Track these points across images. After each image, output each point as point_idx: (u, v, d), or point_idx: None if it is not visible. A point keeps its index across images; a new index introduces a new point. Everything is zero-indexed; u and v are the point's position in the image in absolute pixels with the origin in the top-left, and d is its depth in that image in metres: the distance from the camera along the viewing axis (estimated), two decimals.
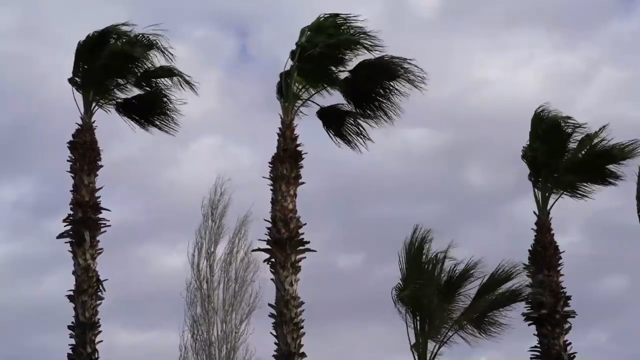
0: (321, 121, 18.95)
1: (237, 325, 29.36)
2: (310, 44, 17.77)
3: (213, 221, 30.43)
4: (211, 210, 30.53)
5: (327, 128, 19.03)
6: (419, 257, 17.98)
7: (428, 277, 17.91)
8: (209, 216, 30.47)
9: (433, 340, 17.91)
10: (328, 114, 18.86)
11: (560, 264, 19.00)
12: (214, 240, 30.26)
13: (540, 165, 19.35)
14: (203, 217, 30.47)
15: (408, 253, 17.99)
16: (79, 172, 17.72)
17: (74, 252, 17.45)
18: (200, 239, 30.23)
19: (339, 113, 18.88)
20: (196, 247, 30.15)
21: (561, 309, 18.66)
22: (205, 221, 30.39)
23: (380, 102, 18.47)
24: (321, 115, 18.88)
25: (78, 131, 17.96)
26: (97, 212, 17.64)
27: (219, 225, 30.43)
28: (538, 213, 19.31)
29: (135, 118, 19.20)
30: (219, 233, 30.38)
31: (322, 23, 18.03)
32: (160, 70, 18.51)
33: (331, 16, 18.01)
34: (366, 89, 18.38)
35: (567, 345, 18.56)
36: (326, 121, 18.97)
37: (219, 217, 30.53)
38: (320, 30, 17.95)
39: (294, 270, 16.83)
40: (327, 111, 18.81)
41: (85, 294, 17.18)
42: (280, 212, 16.98)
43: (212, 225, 30.40)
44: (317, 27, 18.01)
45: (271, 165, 17.36)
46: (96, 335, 17.17)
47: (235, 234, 30.30)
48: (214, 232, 30.34)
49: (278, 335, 16.64)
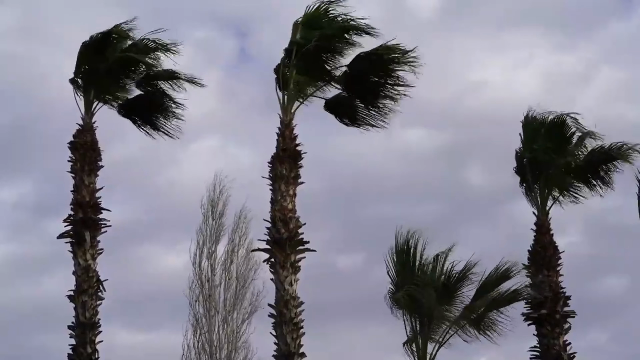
0: (332, 113, 18.82)
1: (239, 325, 29.35)
2: (305, 40, 17.69)
3: (213, 220, 30.40)
4: (211, 209, 30.52)
5: (340, 117, 18.87)
6: (408, 259, 18.00)
7: (423, 278, 17.94)
8: (209, 215, 30.43)
9: (432, 341, 17.95)
10: (337, 103, 18.69)
11: (560, 264, 18.99)
12: (214, 239, 30.26)
13: (540, 165, 19.33)
14: (203, 216, 30.48)
15: (398, 255, 18.00)
16: (80, 172, 17.76)
17: (74, 252, 17.48)
18: (202, 237, 30.25)
19: (347, 100, 18.68)
20: (197, 246, 30.18)
21: (561, 309, 18.65)
22: (205, 220, 30.38)
23: (382, 92, 18.30)
24: (330, 107, 18.75)
25: (79, 131, 18.00)
26: (98, 212, 17.68)
27: (219, 223, 30.42)
28: (537, 213, 19.31)
29: (137, 121, 19.24)
30: (219, 231, 30.37)
31: (314, 14, 17.89)
32: (164, 73, 18.56)
33: (320, 4, 17.85)
34: (366, 80, 18.21)
35: (567, 345, 18.55)
36: (337, 111, 18.83)
37: (219, 216, 30.51)
38: (313, 24, 17.83)
39: (293, 270, 16.82)
40: (335, 101, 18.65)
41: (85, 294, 17.21)
42: (279, 212, 16.97)
43: (212, 224, 30.37)
44: (309, 20, 17.89)
45: (270, 165, 17.36)
46: (96, 335, 17.21)
47: (234, 230, 30.27)
48: (214, 230, 30.33)
49: (278, 335, 16.63)
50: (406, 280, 17.84)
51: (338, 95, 18.70)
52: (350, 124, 19.01)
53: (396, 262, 18.04)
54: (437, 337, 18.00)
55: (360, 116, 18.84)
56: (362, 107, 18.72)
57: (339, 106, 18.81)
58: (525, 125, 19.74)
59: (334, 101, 18.73)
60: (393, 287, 17.94)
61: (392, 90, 18.26)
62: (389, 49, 17.66)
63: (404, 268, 18.03)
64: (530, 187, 19.42)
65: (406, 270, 17.99)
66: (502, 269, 17.92)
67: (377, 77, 18.21)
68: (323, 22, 17.94)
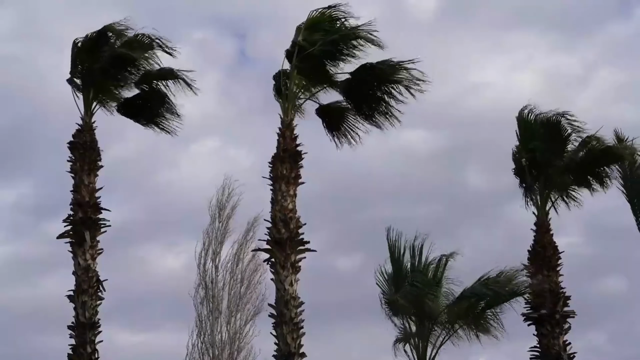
0: (320, 119, 18.86)
1: (242, 327, 29.42)
2: (308, 43, 17.67)
3: (220, 222, 30.55)
4: (218, 212, 30.68)
5: (327, 126, 18.93)
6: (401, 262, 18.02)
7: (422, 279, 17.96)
8: (216, 217, 30.62)
9: (431, 342, 17.98)
10: (327, 112, 18.77)
11: (560, 264, 18.98)
12: (220, 242, 30.41)
13: (539, 165, 19.33)
14: (210, 218, 30.63)
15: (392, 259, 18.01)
16: (79, 172, 17.74)
17: (74, 252, 17.45)
18: (208, 239, 30.37)
19: (339, 110, 18.77)
20: (203, 248, 30.30)
21: (561, 309, 18.64)
22: (212, 222, 30.54)
23: (381, 106, 18.32)
24: (320, 113, 18.81)
25: (78, 131, 17.98)
26: (97, 212, 17.65)
27: (225, 226, 30.57)
28: (537, 213, 19.31)
29: (137, 118, 19.22)
30: (225, 234, 30.52)
31: (318, 19, 17.86)
32: (161, 71, 18.53)
33: (324, 9, 17.81)
34: (367, 91, 18.24)
35: (567, 345, 18.55)
36: (325, 119, 18.88)
37: (226, 219, 30.68)
38: (316, 27, 17.81)
39: (293, 270, 16.79)
40: (326, 109, 18.73)
41: (85, 294, 17.18)
42: (280, 212, 16.94)
43: (219, 226, 30.53)
44: (312, 24, 17.86)
45: (271, 165, 17.31)
46: (96, 335, 17.18)
47: (244, 235, 30.46)
48: (220, 233, 30.49)
49: (278, 335, 16.60)
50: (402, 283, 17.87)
51: (332, 104, 18.69)
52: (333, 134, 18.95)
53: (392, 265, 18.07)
54: (436, 337, 18.03)
55: (346, 130, 18.83)
56: (352, 119, 18.68)
57: (328, 115, 18.79)
58: (520, 124, 19.71)
59: (325, 109, 18.74)
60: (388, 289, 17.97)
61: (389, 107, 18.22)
62: (394, 67, 17.64)
63: (399, 271, 18.06)
64: (529, 187, 19.41)
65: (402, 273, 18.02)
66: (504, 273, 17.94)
67: (379, 92, 18.17)
68: (327, 26, 17.88)
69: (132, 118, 19.24)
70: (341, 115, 18.79)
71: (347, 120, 18.81)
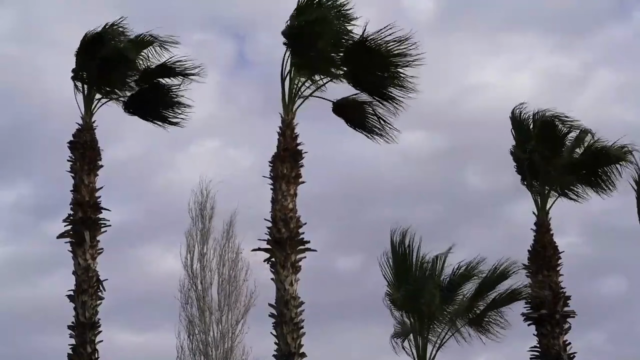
0: (340, 117, 18.42)
1: (233, 326, 29.47)
2: (299, 24, 17.25)
3: (202, 223, 30.61)
4: (200, 212, 30.72)
5: (349, 122, 18.48)
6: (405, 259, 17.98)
7: (422, 278, 17.93)
8: (198, 218, 30.69)
9: (431, 341, 17.95)
10: (345, 107, 18.29)
11: (560, 263, 18.98)
12: (204, 242, 30.45)
13: (538, 165, 19.31)
14: (192, 219, 30.68)
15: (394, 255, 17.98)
16: (79, 172, 17.74)
17: (74, 252, 17.46)
18: (192, 240, 30.42)
19: (356, 104, 18.31)
20: (188, 249, 30.36)
21: (561, 309, 18.63)
22: (194, 223, 30.59)
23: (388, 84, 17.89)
24: (338, 110, 18.36)
25: (78, 131, 17.97)
26: (97, 212, 17.65)
27: (208, 227, 30.61)
28: (537, 213, 19.30)
29: (141, 114, 19.21)
30: (208, 234, 30.56)
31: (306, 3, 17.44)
32: (161, 68, 18.55)
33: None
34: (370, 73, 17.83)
35: (567, 345, 18.55)
36: (345, 115, 18.43)
37: (208, 219, 30.72)
38: (305, 11, 17.39)
39: (294, 270, 16.78)
40: (344, 103, 18.26)
41: (85, 294, 17.19)
42: (280, 212, 16.93)
43: (201, 227, 30.60)
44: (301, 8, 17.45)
45: (271, 164, 17.30)
46: (96, 335, 17.18)
47: (223, 235, 30.50)
48: (204, 233, 30.55)
49: (278, 335, 16.60)
50: (404, 280, 17.83)
51: (348, 97, 18.27)
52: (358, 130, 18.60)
53: (393, 262, 18.03)
54: (437, 337, 18.01)
55: (371, 123, 18.48)
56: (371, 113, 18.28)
57: (347, 110, 18.37)
58: (514, 123, 19.68)
59: (343, 103, 18.29)
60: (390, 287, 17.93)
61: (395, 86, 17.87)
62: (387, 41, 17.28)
63: (401, 268, 18.02)
64: (529, 186, 19.41)
65: (404, 271, 17.97)
66: (500, 268, 17.92)
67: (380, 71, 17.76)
68: (315, 9, 17.42)
69: (139, 115, 19.23)
70: (361, 109, 18.32)
71: (368, 114, 18.34)
